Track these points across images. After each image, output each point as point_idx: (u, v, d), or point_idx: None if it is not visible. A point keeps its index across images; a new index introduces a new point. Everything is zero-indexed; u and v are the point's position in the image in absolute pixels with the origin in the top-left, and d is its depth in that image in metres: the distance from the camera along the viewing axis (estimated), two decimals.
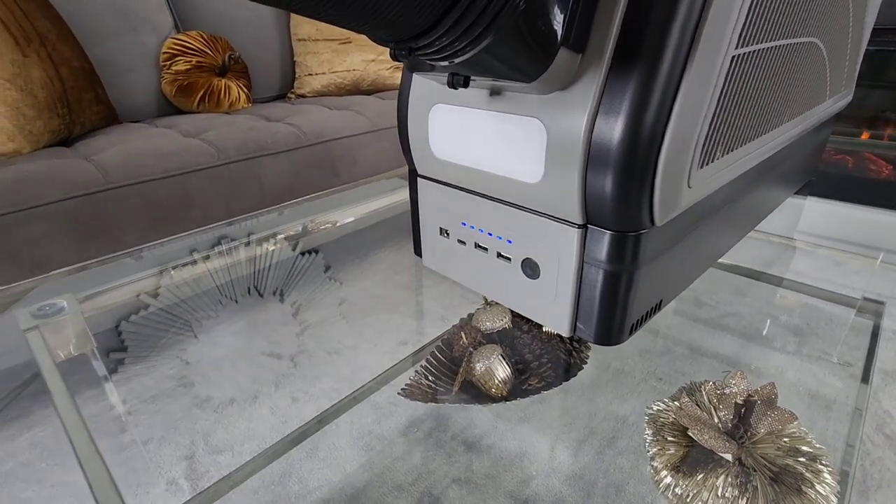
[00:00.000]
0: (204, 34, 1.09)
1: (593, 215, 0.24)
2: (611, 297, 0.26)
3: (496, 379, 0.41)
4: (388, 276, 0.96)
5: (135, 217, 0.69)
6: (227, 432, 0.67)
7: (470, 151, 0.28)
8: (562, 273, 0.26)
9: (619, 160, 0.22)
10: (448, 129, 0.29)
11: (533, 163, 0.25)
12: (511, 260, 0.29)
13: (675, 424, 0.37)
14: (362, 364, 0.75)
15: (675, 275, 0.30)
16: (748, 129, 0.27)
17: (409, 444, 0.59)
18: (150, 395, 0.73)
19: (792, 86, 0.31)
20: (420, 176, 0.33)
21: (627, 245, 0.24)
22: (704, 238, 0.32)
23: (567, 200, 0.24)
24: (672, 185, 0.23)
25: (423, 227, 0.35)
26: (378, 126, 0.99)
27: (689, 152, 0.23)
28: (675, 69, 0.21)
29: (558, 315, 0.28)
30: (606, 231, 0.24)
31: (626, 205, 0.23)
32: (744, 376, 0.39)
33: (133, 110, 1.04)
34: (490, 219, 0.29)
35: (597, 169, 0.22)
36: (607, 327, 0.27)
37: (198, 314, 0.84)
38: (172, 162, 0.73)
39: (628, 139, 0.21)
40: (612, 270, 0.25)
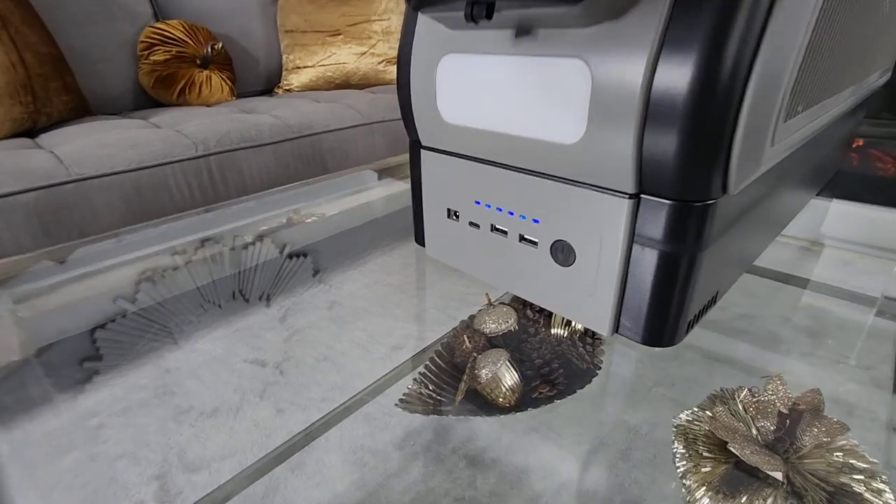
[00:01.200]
0: (185, 23, 1.03)
1: (650, 182, 0.19)
2: (667, 286, 0.21)
3: (503, 387, 0.36)
4: (380, 278, 0.91)
5: (104, 211, 0.63)
6: (204, 448, 0.61)
7: (488, 111, 0.23)
8: (604, 257, 0.21)
9: (691, 111, 0.17)
10: (461, 86, 0.24)
11: (572, 118, 0.20)
12: (538, 244, 0.24)
13: (709, 437, 0.32)
14: (354, 371, 0.70)
15: (733, 261, 0.25)
16: (823, 83, 0.23)
17: (405, 458, 0.54)
18: (121, 406, 0.66)
19: (858, 45, 0.26)
20: (424, 148, 0.28)
21: (692, 219, 0.19)
22: (761, 218, 0.27)
23: (615, 164, 0.19)
24: (754, 142, 0.18)
25: (428, 209, 0.29)
26: (371, 119, 0.94)
27: (777, 99, 0.18)
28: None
29: (597, 310, 0.23)
30: (666, 202, 0.19)
31: (695, 167, 0.18)
32: (783, 381, 0.34)
33: (108, 102, 0.98)
34: (511, 195, 0.24)
35: (659, 122, 0.17)
36: (660, 324, 0.22)
37: (178, 319, 0.78)
38: (146, 153, 0.67)
39: (704, 82, 0.16)
40: (671, 251, 0.20)
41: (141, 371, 0.74)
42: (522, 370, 0.36)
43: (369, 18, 1.18)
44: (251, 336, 0.83)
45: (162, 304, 0.77)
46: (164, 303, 0.76)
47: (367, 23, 1.18)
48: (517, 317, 0.40)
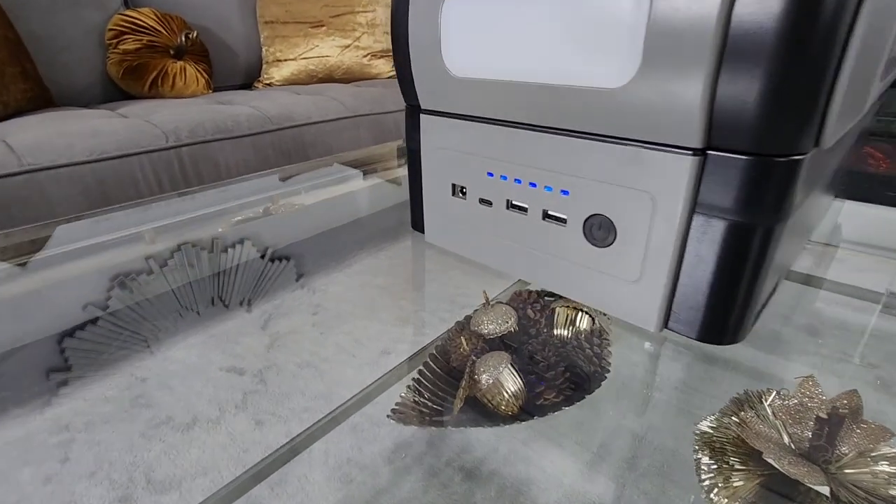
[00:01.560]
0: (157, 11, 0.97)
1: (723, 133, 0.15)
2: (736, 267, 0.16)
3: (506, 393, 0.32)
4: (366, 280, 0.86)
5: (62, 205, 0.57)
6: (174, 465, 0.55)
7: (507, 58, 0.18)
8: (656, 233, 0.17)
9: (788, 40, 0.13)
10: (471, 30, 0.19)
11: (621, 55, 0.15)
12: (566, 221, 0.20)
13: (738, 446, 0.28)
14: (338, 378, 0.65)
15: (797, 242, 0.21)
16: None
17: (395, 473, 0.49)
18: (84, 421, 0.60)
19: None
20: (425, 112, 0.23)
21: (776, 178, 0.15)
22: (820, 194, 0.23)
23: (679, 112, 0.15)
24: (862, 78, 0.14)
25: (428, 187, 0.25)
26: (356, 112, 0.89)
27: (893, 25, 0.14)
28: None
29: (643, 300, 0.18)
30: (742, 157, 0.15)
31: (788, 112, 0.14)
32: (816, 383, 0.31)
33: (73, 93, 0.91)
34: (533, 162, 0.20)
35: (743, 57, 0.13)
36: (723, 316, 0.17)
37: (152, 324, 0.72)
38: (109, 143, 0.61)
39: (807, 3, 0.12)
40: (745, 222, 0.16)
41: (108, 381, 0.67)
42: (525, 374, 0.32)
43: (353, 10, 1.14)
44: (228, 342, 0.77)
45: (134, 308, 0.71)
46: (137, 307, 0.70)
47: (352, 14, 1.14)
48: (517, 316, 0.36)
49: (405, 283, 0.95)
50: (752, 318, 0.18)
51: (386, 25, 1.19)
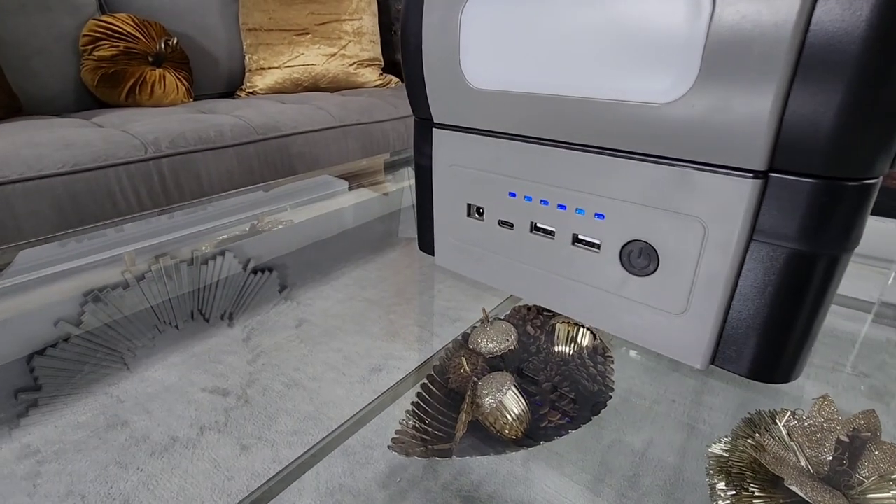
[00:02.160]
0: (135, 17, 0.93)
1: (791, 154, 0.13)
2: (797, 300, 0.15)
3: (509, 417, 0.30)
4: (354, 293, 0.84)
5: (30, 220, 0.54)
6: (153, 496, 0.52)
7: (535, 68, 0.17)
8: (707, 262, 0.15)
9: (873, 49, 0.11)
10: (496, 35, 0.17)
11: (674, 67, 0.14)
12: (601, 246, 0.18)
13: (756, 471, 0.27)
14: (328, 397, 0.62)
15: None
16: None
17: (391, 499, 0.47)
18: (53, 449, 0.56)
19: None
20: (438, 126, 0.22)
21: (846, 203, 0.14)
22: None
23: (741, 131, 0.13)
24: None
25: (440, 206, 0.23)
26: (343, 122, 0.87)
27: None
28: None
29: (690, 334, 0.17)
30: (810, 181, 0.13)
31: (868, 131, 0.12)
32: (832, 402, 0.29)
33: (44, 101, 0.87)
34: (563, 182, 0.18)
35: (819, 72, 0.12)
36: (778, 352, 0.16)
37: (130, 342, 0.68)
38: (83, 154, 0.58)
39: None
40: (808, 250, 0.14)
41: (81, 404, 0.62)
42: (528, 396, 0.30)
43: (339, 18, 1.12)
44: (211, 361, 0.73)
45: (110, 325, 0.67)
46: (113, 324, 0.66)
47: (338, 22, 1.12)
48: (517, 334, 0.35)
49: (394, 296, 0.92)
50: (808, 354, 0.16)
51: (373, 34, 1.18)
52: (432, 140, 0.22)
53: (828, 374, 0.60)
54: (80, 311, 0.50)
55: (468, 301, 0.41)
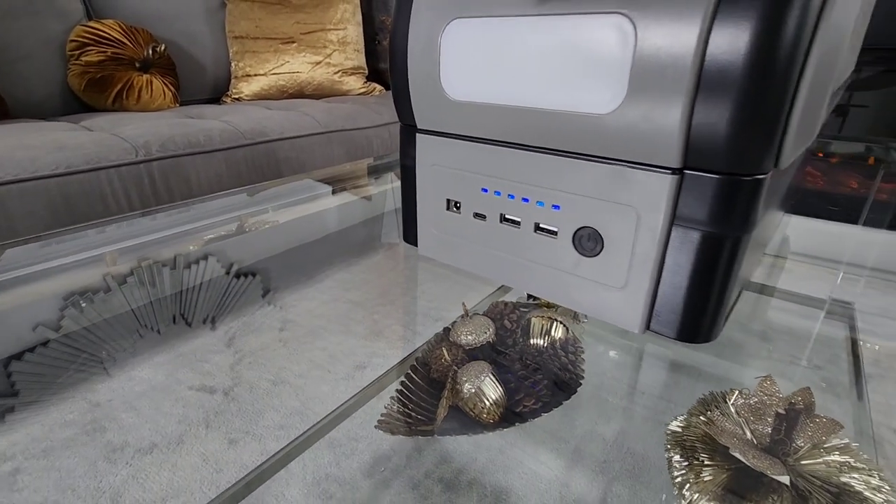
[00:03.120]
0: (122, 24, 0.95)
1: (698, 155, 0.17)
2: (709, 273, 0.19)
3: (487, 402, 0.33)
4: (338, 295, 0.86)
5: (23, 222, 0.55)
6: (143, 489, 0.53)
7: (503, 83, 0.20)
8: (640, 243, 0.19)
9: (752, 75, 0.15)
10: (470, 55, 0.21)
11: (609, 85, 0.17)
12: (557, 233, 0.21)
13: (707, 444, 0.31)
14: (314, 393, 0.64)
15: (758, 252, 0.24)
16: (844, 67, 0.22)
17: (375, 486, 0.49)
18: (41, 447, 0.57)
19: (842, 48, 0.26)
20: (420, 131, 0.25)
21: (742, 195, 0.17)
22: (778, 207, 0.26)
23: (659, 136, 0.17)
24: (812, 108, 0.17)
25: (423, 201, 0.26)
26: (328, 128, 0.89)
27: (835, 64, 0.17)
28: None
29: (629, 304, 0.20)
30: (715, 176, 0.17)
31: (752, 137, 0.16)
32: (774, 382, 0.34)
33: (30, 105, 0.88)
34: (526, 179, 0.22)
35: (714, 88, 0.16)
36: (698, 318, 0.19)
37: (110, 346, 0.69)
38: (76, 156, 0.60)
39: (768, 43, 0.15)
40: (717, 232, 0.18)
41: (66, 406, 0.64)
42: (505, 383, 0.34)
43: (325, 27, 1.15)
44: (197, 360, 0.75)
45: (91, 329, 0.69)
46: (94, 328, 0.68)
47: (323, 31, 1.15)
48: (495, 327, 0.38)
49: (378, 297, 0.96)
50: (723, 320, 0.20)
51: (357, 43, 1.21)
52: (416, 144, 0.25)
53: (785, 367, 0.65)
54: (59, 315, 0.52)
55: (450, 302, 0.43)
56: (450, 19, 0.21)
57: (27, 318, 0.49)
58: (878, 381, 0.69)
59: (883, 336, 0.72)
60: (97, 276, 0.59)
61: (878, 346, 0.61)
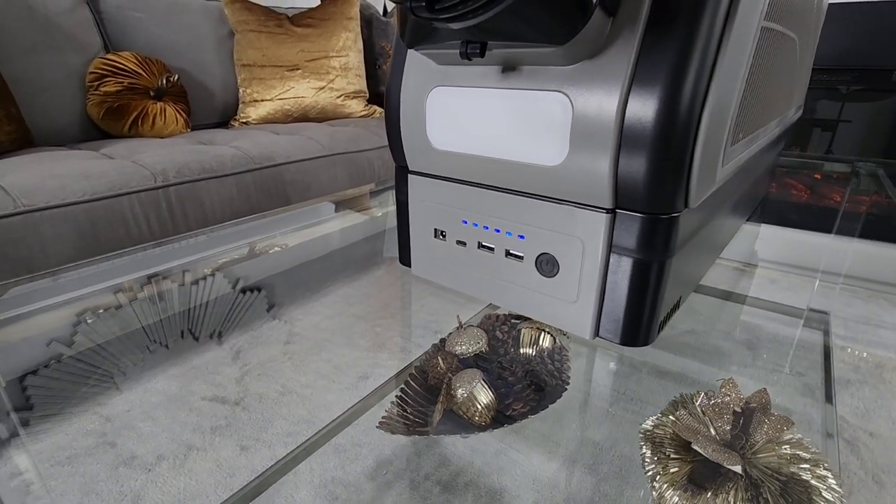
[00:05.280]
0: (138, 55, 1.01)
1: (625, 198, 0.22)
2: (641, 290, 0.23)
3: (479, 405, 0.37)
4: (342, 309, 0.90)
5: (55, 245, 0.60)
6: (161, 493, 0.57)
7: (476, 138, 0.25)
8: (585, 267, 0.24)
9: (658, 137, 0.20)
10: (449, 115, 0.26)
11: (555, 144, 0.22)
12: (523, 258, 0.26)
13: (674, 440, 0.35)
14: (320, 403, 0.68)
15: (693, 268, 0.28)
16: (759, 112, 0.27)
17: (378, 488, 0.53)
18: (65, 455, 0.61)
19: (782, 80, 0.31)
20: (412, 172, 0.30)
21: (661, 229, 0.22)
22: (714, 230, 0.31)
23: (594, 183, 0.22)
24: (709, 162, 0.21)
25: (414, 230, 0.31)
26: (332, 151, 0.95)
27: (725, 126, 0.21)
28: (715, 34, 0.19)
29: (580, 316, 0.25)
30: (638, 215, 0.22)
31: (662, 185, 0.21)
32: (735, 384, 0.38)
33: (52, 133, 0.94)
34: (497, 213, 0.26)
35: (631, 147, 0.20)
36: (635, 326, 0.24)
37: (120, 362, 0.74)
38: (100, 184, 0.65)
39: (669, 113, 0.19)
40: (644, 259, 0.23)
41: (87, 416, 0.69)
42: (496, 389, 0.38)
43: (328, 55, 1.21)
44: (209, 373, 0.80)
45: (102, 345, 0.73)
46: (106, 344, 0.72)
47: (326, 59, 1.21)
48: (487, 337, 0.42)
49: (380, 311, 1.01)
50: (657, 327, 0.25)
51: (358, 69, 1.27)
52: (408, 182, 0.30)
53: (768, 374, 0.69)
54: (72, 331, 0.56)
55: (447, 315, 0.46)
56: (433, 86, 0.26)
57: (41, 335, 0.53)
58: (858, 387, 0.73)
59: (864, 343, 0.76)
60: (108, 294, 0.64)
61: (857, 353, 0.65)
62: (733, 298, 0.68)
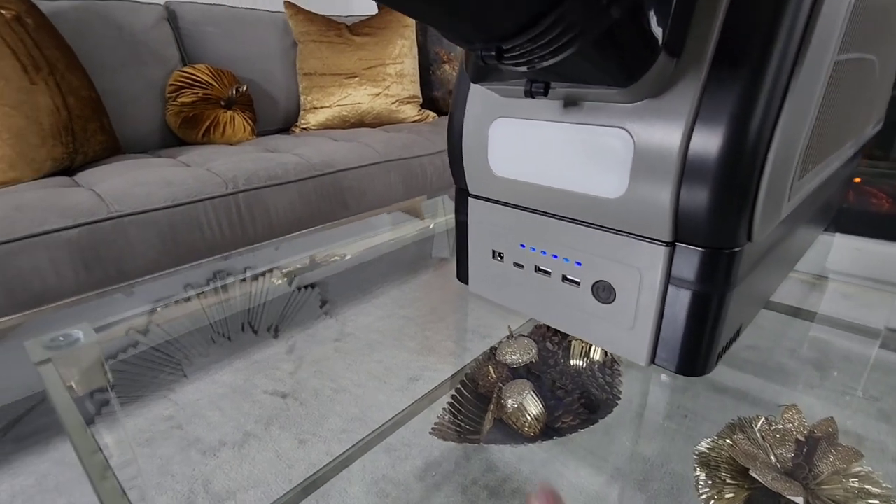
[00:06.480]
0: (211, 67, 1.09)
1: (685, 232, 0.22)
2: (699, 322, 0.23)
3: (528, 416, 0.38)
4: (392, 311, 0.93)
5: (140, 247, 0.66)
6: (228, 478, 0.62)
7: (536, 167, 0.26)
8: (643, 296, 0.24)
9: (721, 172, 0.20)
10: (511, 145, 0.27)
11: (615, 177, 0.23)
12: (580, 284, 0.27)
13: (730, 464, 0.34)
14: (371, 402, 0.71)
15: (756, 296, 0.28)
16: (830, 141, 0.26)
17: (426, 489, 0.55)
18: (145, 437, 0.67)
19: (858, 102, 0.30)
20: (472, 196, 0.31)
21: (721, 263, 0.22)
22: (779, 257, 0.30)
23: (654, 217, 0.22)
24: (774, 198, 0.21)
25: (473, 250, 0.33)
26: (387, 158, 0.98)
27: (793, 163, 0.21)
28: (784, 73, 0.19)
29: (636, 343, 0.25)
30: (699, 249, 0.22)
31: (724, 220, 0.21)
32: (799, 410, 0.37)
33: (135, 141, 1.02)
34: (555, 240, 0.27)
35: (694, 182, 0.21)
36: (693, 356, 0.24)
37: (189, 352, 0.80)
38: (180, 191, 0.71)
39: (733, 149, 0.20)
40: (703, 291, 0.23)
41: (163, 403, 0.75)
42: (546, 400, 0.38)
43: (384, 62, 1.25)
44: (270, 368, 0.85)
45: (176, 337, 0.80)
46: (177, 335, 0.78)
47: (382, 66, 1.25)
48: (538, 348, 0.43)
49: (429, 314, 1.03)
50: (715, 357, 0.25)
51: (413, 75, 1.30)
52: (468, 205, 0.32)
53: (838, 396, 0.66)
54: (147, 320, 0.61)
55: (497, 320, 0.48)
56: (496, 117, 0.27)
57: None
58: None
59: None
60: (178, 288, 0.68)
61: None
62: (802, 315, 0.64)
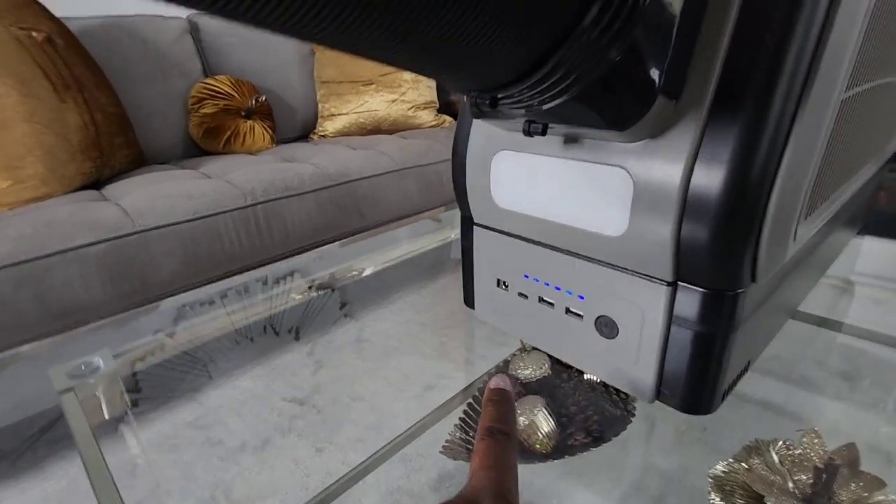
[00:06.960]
0: (231, 78, 1.11)
1: (686, 272, 0.22)
2: (702, 362, 0.23)
3: (540, 434, 0.38)
4: (410, 317, 0.94)
5: (163, 259, 0.68)
6: (248, 485, 0.63)
7: (538, 201, 0.26)
8: (646, 333, 0.24)
9: (722, 213, 0.20)
10: (513, 178, 0.27)
11: (615, 215, 0.23)
12: (583, 317, 0.27)
13: (745, 489, 0.34)
14: (387, 410, 0.72)
15: (764, 331, 0.27)
16: (842, 173, 0.25)
17: (441, 500, 0.55)
18: (170, 442, 0.70)
19: (876, 126, 0.29)
20: (476, 224, 0.31)
21: (724, 305, 0.22)
22: (789, 290, 0.29)
23: (655, 256, 0.22)
24: (778, 239, 0.21)
25: (478, 277, 0.33)
26: (402, 166, 0.99)
27: (797, 203, 0.21)
28: (787, 114, 0.19)
29: (639, 379, 0.25)
30: (700, 290, 0.22)
31: (726, 262, 0.21)
32: (819, 435, 0.36)
33: (159, 152, 1.05)
34: (558, 272, 0.27)
35: (694, 222, 0.20)
36: (697, 395, 0.24)
37: (214, 354, 0.82)
38: (201, 204, 0.73)
39: (735, 190, 0.19)
40: (706, 332, 0.22)
41: (186, 408, 0.77)
42: (558, 417, 0.38)
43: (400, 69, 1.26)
44: (289, 374, 0.86)
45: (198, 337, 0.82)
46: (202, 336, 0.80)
47: (398, 72, 1.26)
48: (551, 362, 0.42)
49: (446, 320, 1.03)
50: (720, 396, 0.24)
51: (429, 81, 1.30)
52: (473, 232, 0.32)
53: (867, 410, 0.63)
54: (173, 322, 0.63)
55: None
56: (498, 149, 0.27)
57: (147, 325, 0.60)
58: None
59: None
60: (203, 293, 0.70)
61: None
62: (828, 325, 0.62)
